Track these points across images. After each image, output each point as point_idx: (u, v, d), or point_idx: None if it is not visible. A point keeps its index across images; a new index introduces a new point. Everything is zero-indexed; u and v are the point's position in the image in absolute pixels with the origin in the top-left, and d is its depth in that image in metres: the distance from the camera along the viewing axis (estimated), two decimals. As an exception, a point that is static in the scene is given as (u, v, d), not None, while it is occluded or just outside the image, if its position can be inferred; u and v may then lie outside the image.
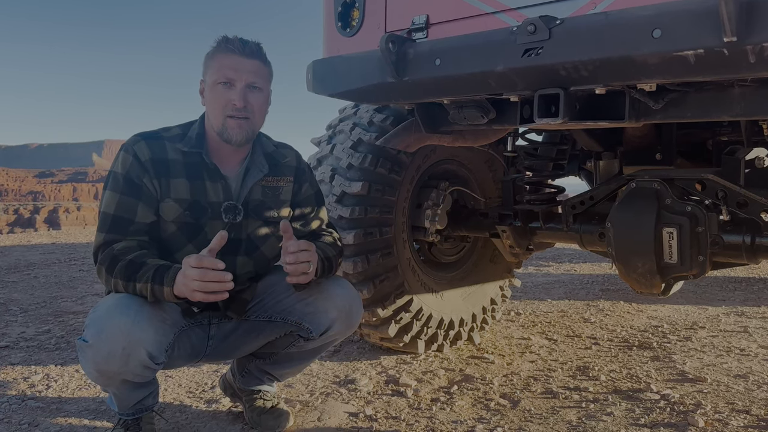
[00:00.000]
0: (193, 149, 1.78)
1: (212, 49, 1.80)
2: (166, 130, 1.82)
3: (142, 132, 1.81)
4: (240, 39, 1.78)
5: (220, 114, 1.75)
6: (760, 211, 2.01)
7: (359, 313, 1.96)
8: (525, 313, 3.71)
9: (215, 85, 1.75)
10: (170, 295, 1.60)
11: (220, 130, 1.77)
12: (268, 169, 1.88)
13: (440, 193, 2.70)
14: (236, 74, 1.74)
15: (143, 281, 1.61)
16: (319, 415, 2.15)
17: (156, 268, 1.62)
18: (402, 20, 1.96)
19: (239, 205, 1.82)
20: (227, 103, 1.74)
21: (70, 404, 2.27)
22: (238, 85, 1.74)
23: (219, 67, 1.75)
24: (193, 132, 1.81)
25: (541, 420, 2.12)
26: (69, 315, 3.65)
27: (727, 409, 2.20)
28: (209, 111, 1.79)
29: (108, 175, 1.80)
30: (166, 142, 1.78)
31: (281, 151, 1.95)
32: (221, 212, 1.80)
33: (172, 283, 1.58)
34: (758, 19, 1.27)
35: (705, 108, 1.70)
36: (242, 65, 1.75)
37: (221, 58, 1.76)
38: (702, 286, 4.49)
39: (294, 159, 1.98)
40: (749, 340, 3.08)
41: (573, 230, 2.45)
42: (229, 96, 1.74)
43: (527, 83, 1.71)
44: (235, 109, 1.74)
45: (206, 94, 1.80)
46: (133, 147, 1.75)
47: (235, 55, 1.75)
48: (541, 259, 6.05)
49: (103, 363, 1.60)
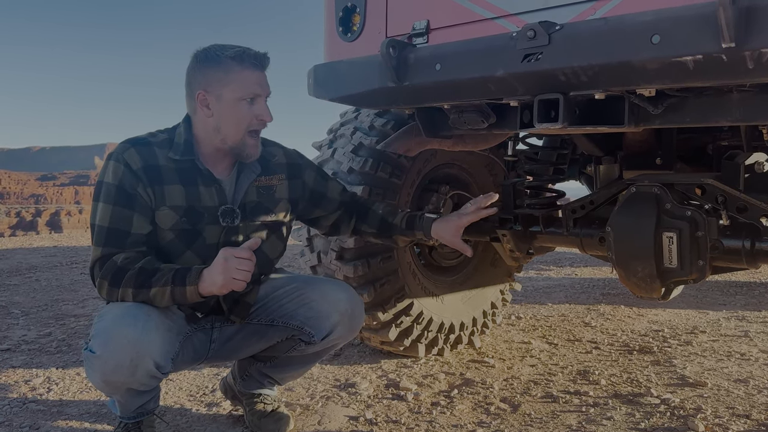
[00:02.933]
0: (183, 157, 1.75)
1: (227, 61, 1.72)
2: (153, 136, 1.78)
3: (130, 138, 1.76)
4: (257, 52, 1.75)
5: (243, 130, 1.73)
6: (760, 216, 2.01)
7: (361, 318, 1.96)
8: (525, 317, 3.71)
9: (239, 102, 1.72)
10: (194, 294, 1.61)
11: (236, 145, 1.74)
12: (260, 169, 1.87)
13: (441, 197, 2.70)
14: (261, 90, 1.74)
15: (160, 285, 1.61)
16: (320, 419, 2.16)
17: (175, 271, 1.63)
18: (403, 25, 1.97)
19: (236, 209, 1.81)
20: (253, 120, 1.73)
21: (71, 407, 2.27)
22: (261, 100, 1.74)
23: (244, 83, 1.72)
24: (180, 138, 1.77)
25: (541, 424, 2.12)
26: (70, 318, 3.66)
27: (727, 414, 2.19)
28: (225, 125, 1.73)
29: (98, 186, 1.73)
30: (155, 149, 1.74)
31: (269, 149, 1.94)
32: (218, 216, 1.78)
33: (197, 281, 1.60)
34: (756, 25, 1.27)
35: (704, 113, 1.70)
36: (264, 80, 1.76)
37: (245, 74, 1.72)
38: (703, 291, 4.48)
39: (282, 156, 1.97)
40: (750, 345, 3.08)
41: (573, 234, 2.44)
42: (255, 112, 1.73)
43: (527, 88, 1.71)
44: (262, 123, 1.75)
45: (220, 108, 1.73)
46: (123, 155, 1.70)
47: (257, 71, 1.74)
48: (542, 263, 6.04)
49: (110, 374, 1.60)
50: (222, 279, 1.60)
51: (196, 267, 1.64)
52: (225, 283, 1.61)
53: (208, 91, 1.73)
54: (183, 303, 1.66)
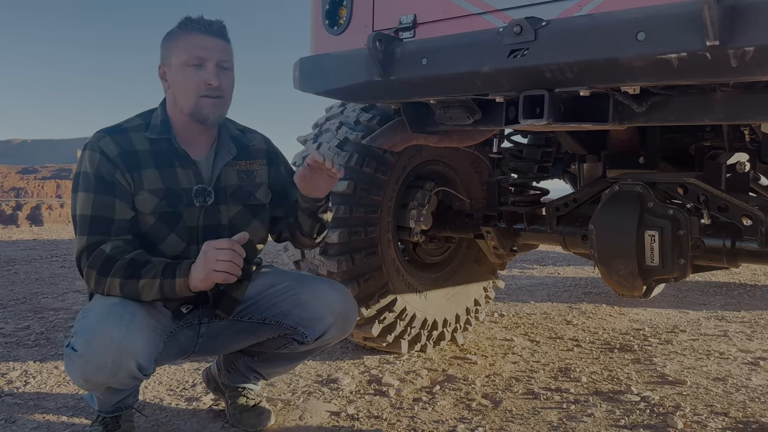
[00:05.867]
0: (160, 136, 1.74)
1: (175, 31, 1.73)
2: (127, 122, 1.77)
3: (104, 128, 1.74)
4: (203, 18, 1.73)
5: (193, 95, 1.70)
6: (741, 216, 2.04)
7: (354, 319, 1.95)
8: (508, 314, 3.73)
9: (185, 67, 1.70)
10: (183, 287, 1.59)
11: (192, 110, 1.71)
12: (236, 151, 1.85)
13: (426, 194, 2.70)
14: (207, 54, 1.70)
15: (149, 277, 1.59)
16: (301, 414, 2.14)
17: (166, 264, 1.61)
18: (389, 19, 1.96)
19: (209, 188, 1.78)
20: (200, 84, 1.69)
21: (48, 401, 2.24)
22: (209, 65, 1.70)
23: (187, 47, 1.70)
24: (156, 119, 1.76)
25: (522, 420, 2.13)
26: (49, 311, 3.61)
27: (705, 412, 2.22)
28: (178, 93, 1.73)
29: (76, 176, 1.71)
30: (131, 134, 1.73)
31: (247, 135, 1.93)
32: (192, 197, 1.76)
33: (186, 274, 1.58)
34: (740, 23, 1.29)
35: (688, 111, 1.72)
36: (211, 44, 1.72)
37: (189, 39, 1.71)
38: (683, 291, 4.53)
39: (262, 142, 1.95)
40: (729, 344, 3.11)
41: (556, 232, 2.46)
42: (202, 76, 1.69)
43: (513, 84, 1.72)
44: (211, 89, 1.70)
45: (172, 76, 1.73)
46: (98, 144, 1.68)
47: (202, 35, 1.71)
48: (525, 261, 6.07)
49: (91, 374, 1.57)
50: (203, 272, 1.57)
51: (186, 261, 1.62)
52: (206, 277, 1.58)
53: (164, 63, 1.76)
54: (171, 297, 1.63)
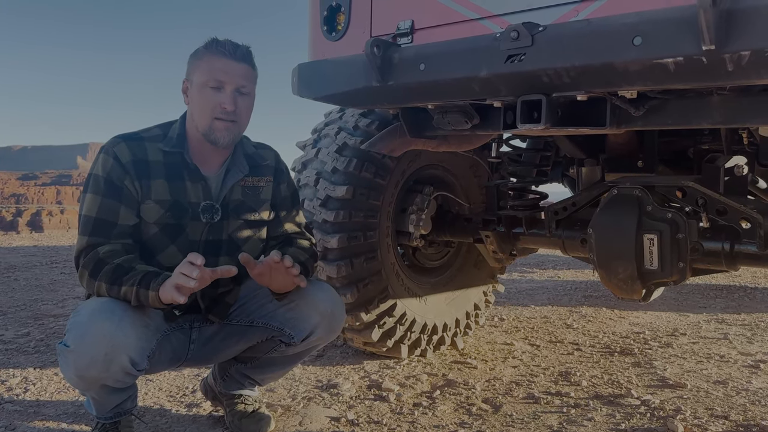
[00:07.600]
0: (174, 149, 1.77)
1: (201, 50, 1.78)
2: (146, 131, 1.81)
3: (122, 134, 1.79)
4: (230, 42, 1.77)
5: (208, 116, 1.74)
6: (739, 219, 2.04)
7: (342, 319, 1.95)
8: (508, 318, 3.73)
9: (204, 87, 1.74)
10: (155, 300, 1.58)
11: (206, 131, 1.75)
12: (248, 169, 1.88)
13: (425, 198, 2.70)
14: (227, 77, 1.74)
15: (129, 285, 1.60)
16: (301, 420, 2.14)
17: (145, 273, 1.61)
18: (387, 25, 1.97)
19: (217, 205, 1.81)
20: (216, 106, 1.73)
21: (48, 407, 2.24)
22: (228, 88, 1.74)
23: (209, 69, 1.74)
24: (173, 132, 1.80)
25: (522, 425, 2.13)
26: (49, 318, 3.61)
27: (706, 415, 2.21)
28: (195, 111, 1.77)
29: (88, 178, 1.77)
30: (146, 143, 1.77)
31: (260, 152, 1.95)
32: (199, 212, 1.79)
33: (158, 288, 1.57)
34: (736, 27, 1.29)
35: (685, 115, 1.72)
36: (233, 69, 1.75)
37: (212, 61, 1.75)
38: (683, 294, 4.53)
39: (273, 159, 1.98)
40: (729, 347, 3.11)
41: (556, 236, 2.46)
42: (218, 99, 1.73)
43: (510, 89, 1.72)
44: (225, 112, 1.73)
45: (192, 94, 1.78)
46: (113, 149, 1.73)
47: (225, 59, 1.74)
48: (525, 265, 6.07)
49: (84, 368, 1.58)
50: (168, 284, 1.55)
51: (165, 273, 1.61)
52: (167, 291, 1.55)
53: (188, 78, 1.80)
54: (147, 305, 1.63)
